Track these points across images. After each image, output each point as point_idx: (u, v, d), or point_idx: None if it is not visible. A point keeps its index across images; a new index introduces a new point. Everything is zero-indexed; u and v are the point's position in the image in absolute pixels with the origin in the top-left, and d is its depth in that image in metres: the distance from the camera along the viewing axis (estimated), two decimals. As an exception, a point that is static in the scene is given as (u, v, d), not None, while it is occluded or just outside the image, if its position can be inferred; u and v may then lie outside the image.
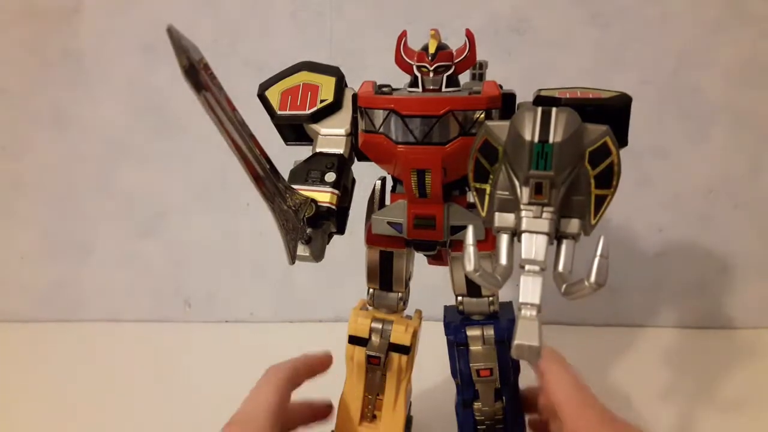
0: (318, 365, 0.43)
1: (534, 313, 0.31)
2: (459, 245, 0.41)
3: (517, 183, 0.32)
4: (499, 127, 0.33)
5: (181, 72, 0.26)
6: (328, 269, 0.46)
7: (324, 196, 0.38)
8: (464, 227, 0.39)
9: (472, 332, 0.41)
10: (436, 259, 0.45)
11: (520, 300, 0.31)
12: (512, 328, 0.41)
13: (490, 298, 0.42)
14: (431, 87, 0.38)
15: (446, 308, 0.45)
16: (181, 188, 0.74)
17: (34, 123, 0.72)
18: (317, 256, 0.39)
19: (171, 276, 0.77)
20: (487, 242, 0.40)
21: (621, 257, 0.72)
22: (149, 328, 0.76)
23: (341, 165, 0.40)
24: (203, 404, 0.59)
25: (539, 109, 0.30)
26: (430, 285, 0.46)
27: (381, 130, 0.37)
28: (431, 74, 0.37)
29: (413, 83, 0.38)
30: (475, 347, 0.41)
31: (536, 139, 0.30)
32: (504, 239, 0.33)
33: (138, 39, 0.69)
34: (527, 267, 0.31)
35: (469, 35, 0.38)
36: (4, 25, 0.69)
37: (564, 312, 0.70)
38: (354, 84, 0.42)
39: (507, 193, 0.33)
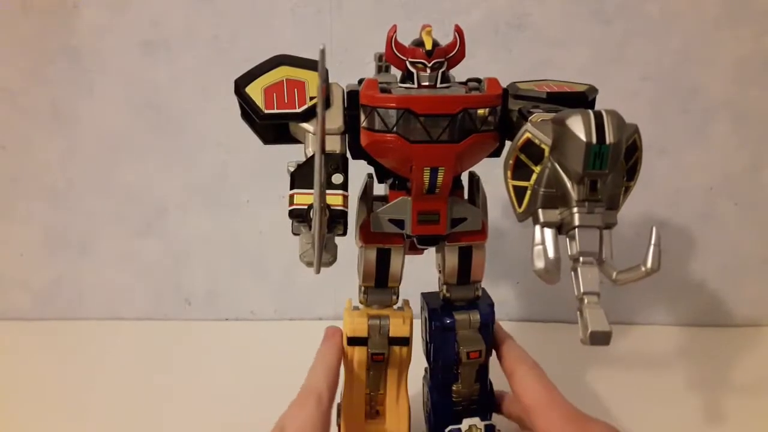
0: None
1: (596, 300, 0.33)
2: (455, 236, 0.43)
3: (568, 181, 0.33)
4: (543, 127, 0.34)
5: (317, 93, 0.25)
6: (328, 267, 0.46)
7: (336, 199, 0.37)
8: (464, 220, 0.42)
9: (461, 317, 0.44)
10: (414, 249, 0.45)
11: (582, 290, 0.33)
12: (493, 313, 0.44)
13: (476, 285, 0.44)
14: (426, 83, 0.38)
15: (425, 295, 0.47)
16: (181, 186, 0.74)
17: (33, 121, 0.72)
18: (333, 260, 0.38)
19: (171, 274, 0.77)
20: (482, 233, 0.43)
21: (621, 254, 0.71)
22: (149, 326, 0.76)
23: (345, 165, 0.39)
24: (204, 402, 0.59)
25: (591, 113, 0.32)
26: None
27: (395, 129, 0.37)
28: (428, 71, 0.38)
29: (405, 79, 0.39)
30: (463, 331, 0.43)
31: (594, 141, 0.31)
32: (550, 233, 0.34)
33: (137, 36, 0.68)
34: (582, 259, 0.33)
35: (459, 31, 0.38)
36: (2, 23, 0.69)
37: (564, 309, 0.70)
38: (348, 80, 0.42)
39: (553, 189, 0.34)
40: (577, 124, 0.32)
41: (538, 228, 0.34)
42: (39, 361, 0.69)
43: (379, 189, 0.45)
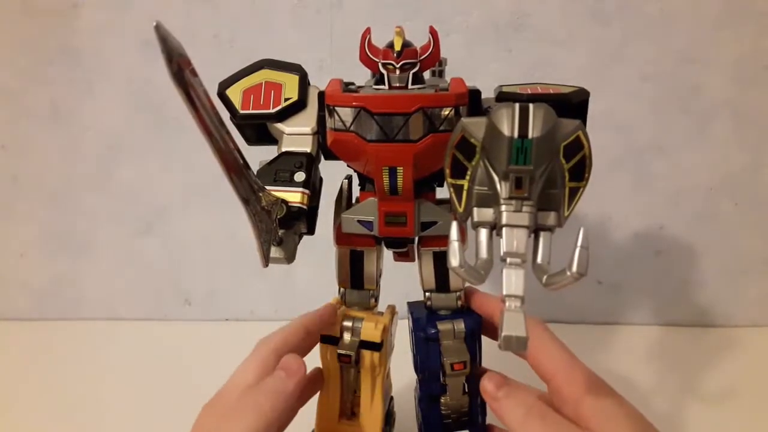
0: (318, 323, 0.42)
1: (518, 304, 0.31)
2: (428, 241, 0.42)
3: (496, 178, 0.33)
4: (476, 124, 0.33)
5: (166, 68, 0.26)
6: (328, 267, 0.46)
7: (294, 196, 0.38)
8: (434, 223, 0.40)
9: (444, 327, 0.42)
10: (402, 256, 0.45)
11: (504, 292, 0.32)
12: (480, 321, 0.42)
13: (458, 293, 0.43)
14: (397, 84, 0.38)
15: (410, 304, 0.45)
16: (181, 185, 0.74)
17: (33, 121, 0.72)
18: (290, 257, 0.39)
19: (171, 274, 0.77)
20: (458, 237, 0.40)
21: (621, 255, 0.72)
22: (149, 327, 0.76)
23: (310, 164, 0.39)
24: (203, 402, 0.59)
25: (517, 106, 0.31)
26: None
27: (351, 128, 0.37)
28: (398, 72, 0.37)
29: (378, 81, 0.38)
30: (447, 341, 0.41)
31: (516, 135, 0.30)
32: (483, 234, 0.34)
33: (137, 35, 0.68)
34: (509, 260, 0.32)
35: (433, 32, 0.38)
36: (3, 23, 0.69)
37: (564, 310, 0.70)
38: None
39: (485, 188, 0.33)
40: (500, 118, 0.31)
41: (477, 228, 0.33)
42: (39, 361, 0.69)
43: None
